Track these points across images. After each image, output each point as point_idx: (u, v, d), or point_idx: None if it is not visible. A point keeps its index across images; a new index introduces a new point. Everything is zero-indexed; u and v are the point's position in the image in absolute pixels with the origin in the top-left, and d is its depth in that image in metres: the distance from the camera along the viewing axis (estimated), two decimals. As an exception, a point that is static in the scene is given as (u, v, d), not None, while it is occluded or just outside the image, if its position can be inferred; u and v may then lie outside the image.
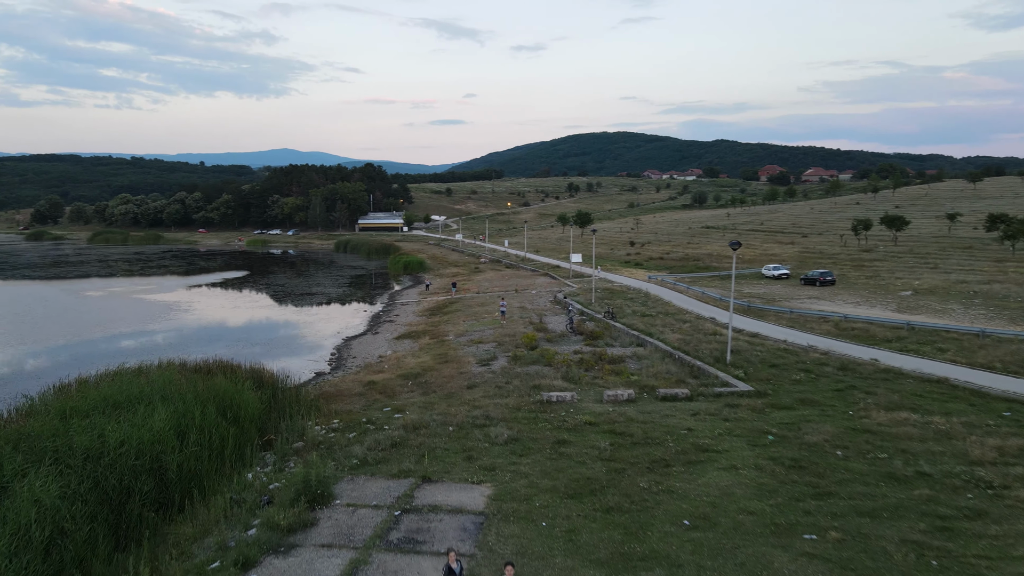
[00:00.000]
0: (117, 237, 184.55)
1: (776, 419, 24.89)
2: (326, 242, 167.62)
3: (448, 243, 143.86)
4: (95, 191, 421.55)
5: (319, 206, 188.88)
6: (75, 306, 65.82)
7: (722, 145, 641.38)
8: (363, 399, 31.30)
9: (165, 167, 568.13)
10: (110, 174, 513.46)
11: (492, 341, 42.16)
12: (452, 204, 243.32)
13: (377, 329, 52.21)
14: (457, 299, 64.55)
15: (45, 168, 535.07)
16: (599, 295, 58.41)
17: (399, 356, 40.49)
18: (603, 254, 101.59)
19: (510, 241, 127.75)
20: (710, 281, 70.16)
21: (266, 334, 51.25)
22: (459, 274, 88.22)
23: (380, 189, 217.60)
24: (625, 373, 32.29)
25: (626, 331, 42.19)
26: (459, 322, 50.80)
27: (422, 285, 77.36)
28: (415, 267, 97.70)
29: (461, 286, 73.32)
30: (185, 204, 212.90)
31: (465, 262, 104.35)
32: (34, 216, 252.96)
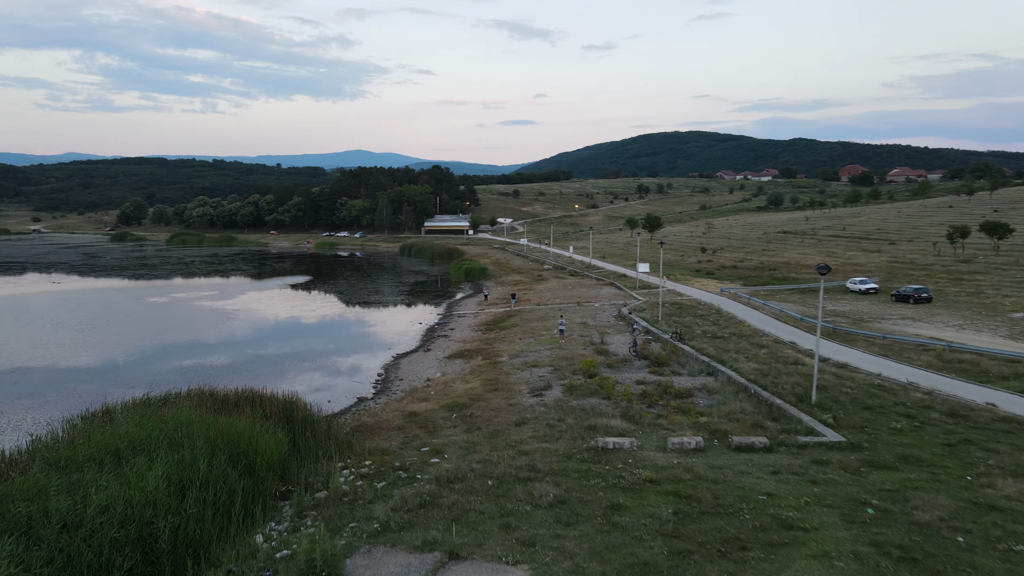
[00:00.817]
0: (193, 239, 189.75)
1: (875, 483, 20.86)
2: (391, 245, 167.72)
3: (513, 247, 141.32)
4: (178, 193, 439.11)
5: (386, 209, 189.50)
6: (136, 313, 66.00)
7: (799, 144, 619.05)
8: (402, 434, 28.66)
9: (244, 169, 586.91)
10: (193, 176, 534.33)
11: (548, 365, 39.00)
12: (519, 206, 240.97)
13: (429, 346, 49.76)
14: (516, 311, 61.64)
15: (135, 171, 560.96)
16: (667, 310, 54.44)
17: (447, 380, 37.78)
18: (672, 261, 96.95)
19: (575, 246, 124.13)
20: (788, 295, 65.02)
21: (315, 350, 49.48)
22: (520, 282, 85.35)
23: (447, 191, 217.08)
24: (693, 412, 28.60)
25: (695, 356, 38.32)
26: (515, 340, 47.84)
27: (481, 295, 74.82)
28: (476, 274, 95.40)
29: (521, 297, 70.40)
30: (258, 206, 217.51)
31: (528, 268, 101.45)
32: (120, 218, 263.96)
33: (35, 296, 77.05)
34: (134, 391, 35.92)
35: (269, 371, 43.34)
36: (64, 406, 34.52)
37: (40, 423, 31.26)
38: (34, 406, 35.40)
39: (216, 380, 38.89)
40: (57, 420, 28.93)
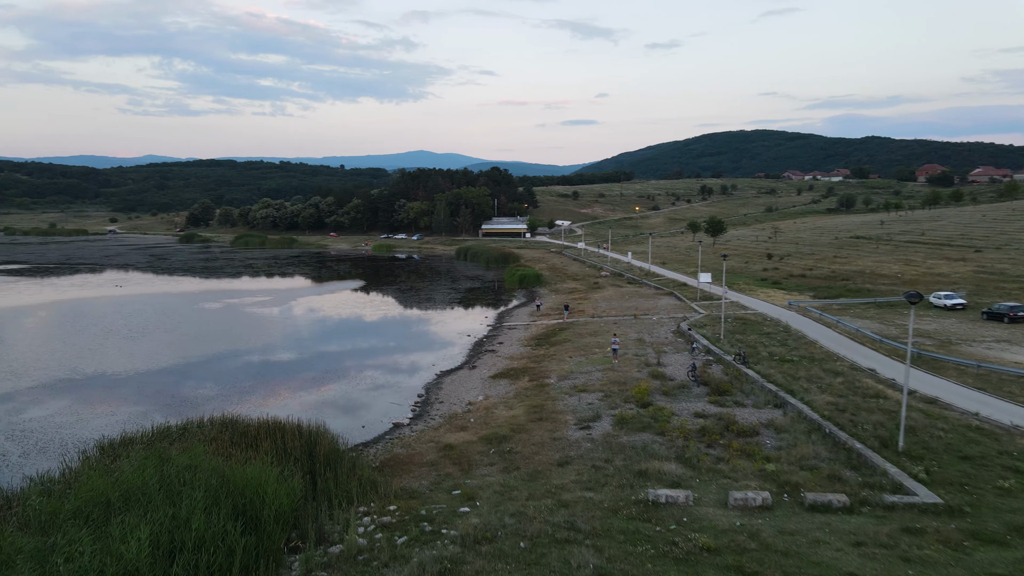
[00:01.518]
0: (255, 240, 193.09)
1: (984, 565, 17.35)
2: (448, 248, 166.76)
3: (570, 251, 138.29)
4: (246, 194, 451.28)
5: (443, 211, 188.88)
6: (187, 320, 65.90)
7: (872, 142, 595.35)
8: (433, 471, 26.31)
9: (308, 170, 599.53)
10: (260, 177, 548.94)
11: (598, 390, 36.14)
12: (578, 208, 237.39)
13: (475, 362, 47.42)
14: (568, 324, 58.82)
15: (206, 172, 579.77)
16: (730, 327, 50.75)
17: (490, 405, 35.31)
18: (735, 268, 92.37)
19: (634, 252, 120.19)
20: (864, 309, 60.22)
21: (358, 365, 47.73)
22: (575, 291, 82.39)
23: (505, 193, 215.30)
24: (758, 456, 25.34)
25: (761, 384, 34.83)
26: (565, 358, 45.07)
27: (534, 305, 72.21)
28: (531, 281, 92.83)
29: (575, 308, 67.49)
30: (319, 208, 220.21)
31: (584, 275, 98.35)
32: (189, 219, 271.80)
33: (96, 300, 78.17)
34: (159, 414, 34.77)
35: (307, 388, 41.76)
36: (84, 432, 33.50)
37: (50, 453, 30.08)
38: (52, 431, 34.48)
39: (245, 403, 37.48)
40: (71, 447, 27.77)
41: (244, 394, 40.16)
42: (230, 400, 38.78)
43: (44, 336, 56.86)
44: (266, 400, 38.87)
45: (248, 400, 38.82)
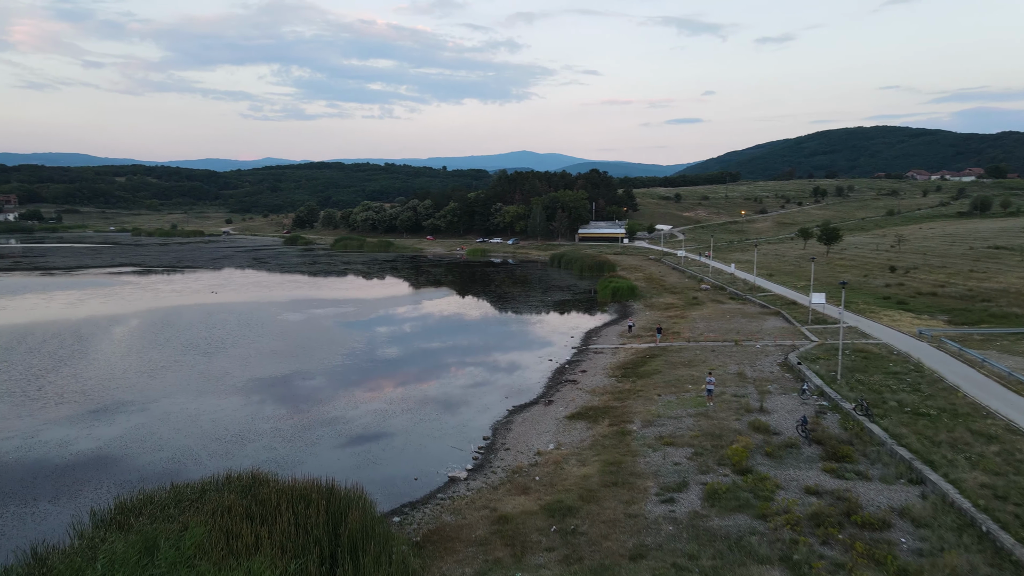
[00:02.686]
0: (354, 244, 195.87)
1: None
2: (543, 253, 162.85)
3: (669, 259, 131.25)
4: (351, 195, 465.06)
5: (539, 215, 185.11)
6: (268, 332, 64.89)
7: (1010, 138, 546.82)
8: (480, 554, 22.13)
9: (411, 172, 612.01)
10: (365, 179, 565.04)
11: (688, 444, 30.96)
12: (680, 211, 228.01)
13: (553, 396, 42.95)
14: (661, 350, 53.36)
15: (315, 175, 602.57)
16: (848, 361, 43.94)
17: (560, 458, 30.79)
18: (854, 283, 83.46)
19: (738, 262, 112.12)
20: (1015, 342, 51.41)
21: (424, 395, 44.26)
22: (672, 307, 76.32)
23: (604, 196, 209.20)
24: (891, 565, 19.67)
25: (890, 447, 28.66)
26: (653, 396, 39.90)
27: (625, 324, 66.91)
28: (624, 294, 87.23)
29: (669, 329, 61.77)
30: (416, 211, 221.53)
31: (683, 287, 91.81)
32: (295, 221, 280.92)
33: (188, 309, 78.99)
34: (205, 454, 32.32)
35: (367, 422, 38.66)
36: (107, 481, 31.43)
37: (60, 504, 27.86)
38: (74, 473, 32.61)
39: (295, 441, 34.57)
40: (85, 501, 25.39)
41: (299, 430, 37.48)
42: (277, 432, 36.14)
43: (125, 349, 56.83)
44: (319, 437, 35.97)
45: (300, 438, 36.07)
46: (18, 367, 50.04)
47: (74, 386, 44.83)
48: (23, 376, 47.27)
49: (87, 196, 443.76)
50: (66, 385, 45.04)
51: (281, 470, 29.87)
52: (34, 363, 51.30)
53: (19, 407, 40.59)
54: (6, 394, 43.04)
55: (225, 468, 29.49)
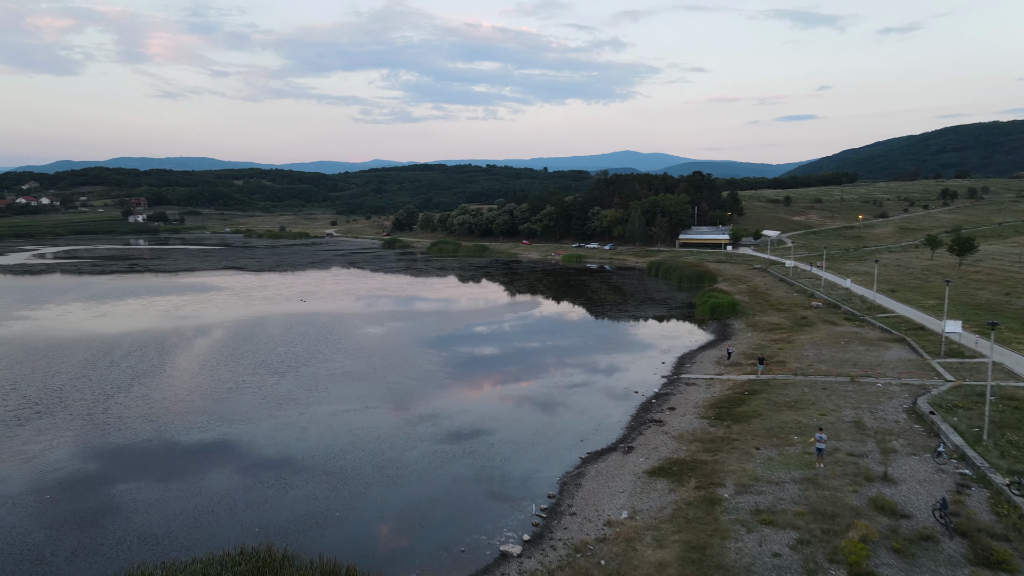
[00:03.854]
0: (449, 248, 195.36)
1: None
2: (640, 259, 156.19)
3: (776, 268, 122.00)
4: (452, 197, 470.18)
5: (638, 219, 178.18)
6: (343, 350, 62.96)
7: None
8: None
9: (512, 174, 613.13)
10: (466, 181, 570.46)
11: (791, 524, 25.49)
12: (789, 215, 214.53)
13: (634, 440, 38.00)
14: (763, 384, 47.23)
15: (418, 177, 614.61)
16: (996, 412, 36.58)
17: (633, 534, 26.00)
18: (993, 303, 73.34)
19: (854, 277, 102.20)
20: None
21: (488, 433, 40.30)
22: (777, 328, 69.15)
23: (707, 200, 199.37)
24: None
25: (1062, 551, 22.18)
26: (750, 449, 34.30)
27: (724, 350, 60.66)
28: (724, 311, 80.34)
29: (773, 357, 55.21)
30: (513, 215, 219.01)
31: (791, 304, 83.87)
32: (394, 224, 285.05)
33: (273, 319, 78.66)
34: (217, 513, 29.53)
35: (423, 466, 35.15)
36: (112, 544, 29.09)
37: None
38: (87, 544, 30.44)
39: (340, 487, 31.27)
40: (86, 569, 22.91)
41: (346, 474, 34.41)
42: (320, 476, 33.12)
43: (199, 366, 56.07)
44: (366, 486, 32.69)
45: (344, 485, 32.93)
46: (95, 383, 49.84)
47: (138, 410, 43.72)
48: (94, 395, 46.78)
49: (208, 198, 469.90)
50: (131, 408, 44.04)
51: (311, 534, 26.67)
52: (111, 379, 51.07)
53: (77, 431, 39.63)
54: (72, 416, 42.32)
55: (247, 525, 26.68)
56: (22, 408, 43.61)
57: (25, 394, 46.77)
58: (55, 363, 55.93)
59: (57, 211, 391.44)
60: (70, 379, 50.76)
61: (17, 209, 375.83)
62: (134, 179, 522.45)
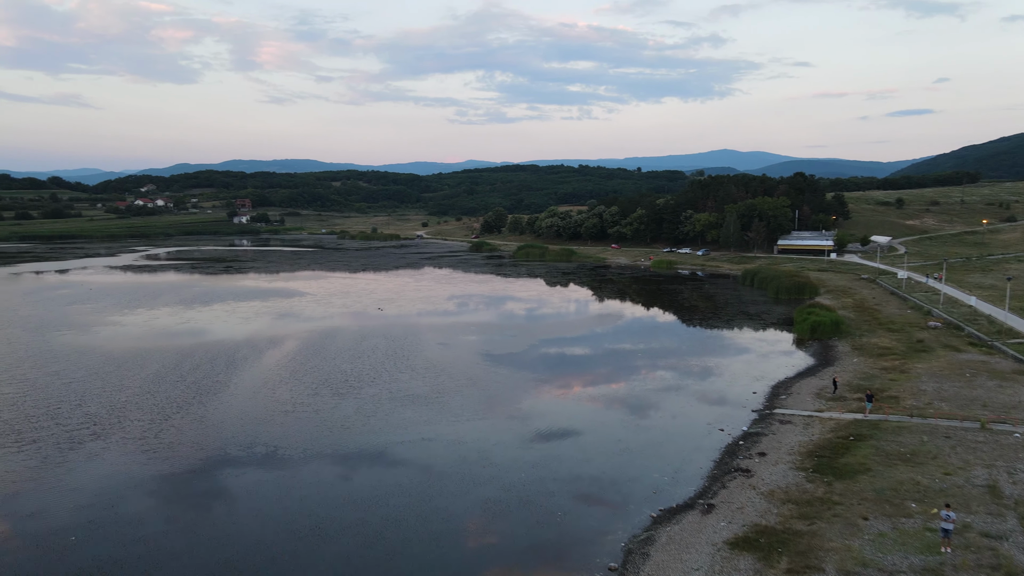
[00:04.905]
0: (536, 252, 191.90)
1: None
2: (735, 266, 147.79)
3: (887, 279, 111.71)
4: (543, 198, 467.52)
5: (733, 224, 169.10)
6: (409, 367, 60.38)
7: None
8: None
9: (605, 174, 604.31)
10: (558, 182, 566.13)
11: (909, 640, 20.24)
12: (901, 219, 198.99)
13: (715, 495, 33.06)
14: (872, 426, 41.06)
15: (510, 177, 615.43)
16: None
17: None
18: None
19: (980, 291, 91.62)
20: None
21: (546, 477, 36.26)
22: (888, 353, 61.68)
23: (809, 203, 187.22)
24: None
25: None
26: (856, 518, 28.85)
27: (824, 377, 54.16)
28: (827, 331, 72.92)
29: (884, 391, 48.53)
30: (602, 218, 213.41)
31: (903, 323, 75.47)
32: (483, 226, 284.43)
33: (346, 330, 77.23)
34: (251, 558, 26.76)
35: (453, 532, 31.59)
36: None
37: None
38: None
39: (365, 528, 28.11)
40: None
41: (384, 523, 31.31)
42: (354, 530, 30.03)
43: (261, 383, 54.68)
44: (405, 541, 29.38)
45: (383, 536, 29.76)
46: (157, 401, 49.09)
47: (190, 435, 42.23)
48: (152, 416, 45.79)
49: (307, 200, 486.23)
50: (184, 433, 42.62)
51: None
52: (174, 396, 50.26)
53: (125, 460, 38.32)
54: (125, 440, 41.23)
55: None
56: (81, 428, 42.98)
57: (88, 411, 46.37)
58: (127, 376, 55.93)
59: (170, 212, 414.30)
60: (135, 395, 50.27)
61: (135, 210, 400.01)
62: (240, 181, 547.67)
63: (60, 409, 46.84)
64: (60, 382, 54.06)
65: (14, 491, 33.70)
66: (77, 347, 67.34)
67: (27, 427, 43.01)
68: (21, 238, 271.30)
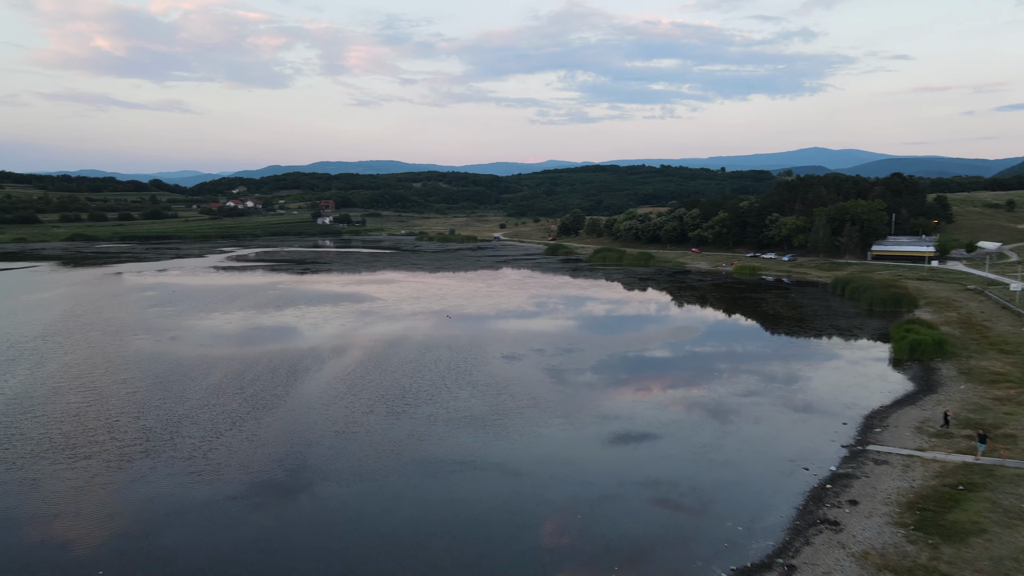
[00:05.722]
0: (613, 255, 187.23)
1: None
2: (824, 273, 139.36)
3: (996, 290, 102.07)
4: (623, 199, 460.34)
5: (822, 228, 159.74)
6: (470, 382, 58.00)
7: None
8: None
9: (687, 174, 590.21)
10: (639, 182, 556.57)
11: None
12: (1013, 223, 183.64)
13: (796, 553, 28.96)
14: (985, 472, 35.77)
15: (589, 178, 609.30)
16: None
17: None
18: None
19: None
20: None
21: (605, 532, 32.88)
22: (1001, 380, 55.04)
23: (907, 205, 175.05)
24: None
25: None
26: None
27: (926, 407, 48.43)
28: (928, 351, 66.19)
29: (998, 428, 42.70)
30: (682, 221, 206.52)
31: (1017, 343, 67.87)
32: (560, 228, 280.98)
33: (411, 341, 75.38)
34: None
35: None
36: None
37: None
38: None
39: None
40: None
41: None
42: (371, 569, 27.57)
43: (317, 398, 53.46)
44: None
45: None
46: (212, 416, 48.40)
47: (240, 454, 41.02)
48: (205, 432, 44.93)
49: (388, 201, 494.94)
50: (233, 453, 41.44)
51: None
52: (230, 410, 49.51)
53: (171, 481, 37.31)
54: (175, 460, 40.29)
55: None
56: (134, 444, 42.48)
57: (145, 425, 46.02)
58: (189, 386, 55.80)
59: (259, 213, 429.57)
60: (192, 408, 49.78)
61: (226, 211, 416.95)
62: (325, 183, 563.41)
63: (119, 421, 46.73)
64: (125, 391, 54.38)
65: (53, 513, 33.01)
66: (149, 353, 68.27)
67: (84, 441, 42.85)
68: (122, 238, 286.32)
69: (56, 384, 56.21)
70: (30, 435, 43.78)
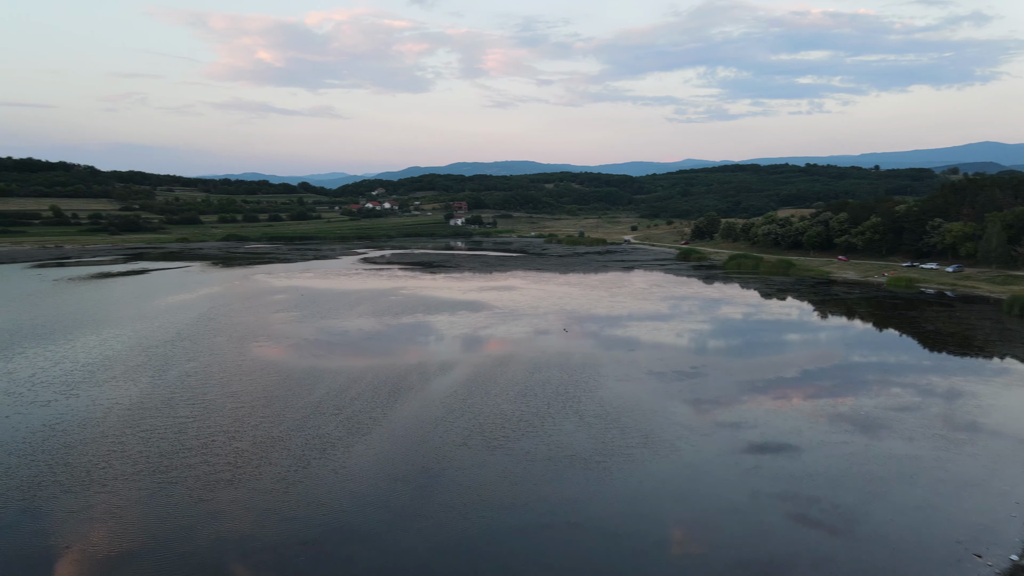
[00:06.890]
0: (749, 263, 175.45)
1: None
2: (998, 288, 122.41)
3: None
4: (763, 200, 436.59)
5: (996, 236, 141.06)
6: (577, 410, 53.50)
7: None
8: None
9: (835, 173, 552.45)
10: (781, 182, 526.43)
11: None
12: None
13: None
14: None
15: (727, 178, 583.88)
16: None
17: None
18: None
19: None
20: None
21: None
22: None
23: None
24: None
25: None
26: None
27: None
28: None
29: None
30: (827, 226, 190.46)
31: None
32: (693, 231, 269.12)
33: (522, 357, 71.72)
34: None
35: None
36: None
37: None
38: None
39: None
40: None
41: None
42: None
43: (411, 423, 50.92)
44: None
45: None
46: (307, 437, 47.02)
47: (321, 489, 38.89)
48: (297, 458, 43.38)
49: (519, 202, 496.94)
50: (318, 483, 39.49)
51: None
52: (325, 432, 47.98)
53: (246, 518, 35.59)
54: (255, 492, 38.66)
55: None
56: (223, 469, 41.49)
57: (238, 447, 45.21)
58: (291, 403, 55.09)
59: (395, 214, 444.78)
60: (288, 430, 48.64)
61: (365, 212, 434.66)
62: (459, 184, 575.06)
63: (215, 441, 46.24)
64: (231, 405, 54.42)
65: (127, 550, 31.96)
66: (264, 363, 68.99)
67: (177, 462, 42.42)
68: (270, 238, 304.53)
69: (171, 395, 57.27)
70: (129, 452, 44.00)
